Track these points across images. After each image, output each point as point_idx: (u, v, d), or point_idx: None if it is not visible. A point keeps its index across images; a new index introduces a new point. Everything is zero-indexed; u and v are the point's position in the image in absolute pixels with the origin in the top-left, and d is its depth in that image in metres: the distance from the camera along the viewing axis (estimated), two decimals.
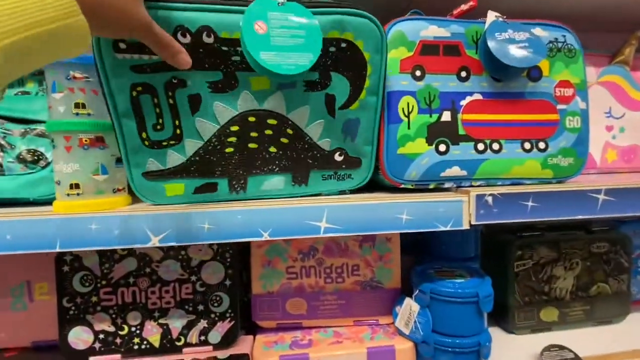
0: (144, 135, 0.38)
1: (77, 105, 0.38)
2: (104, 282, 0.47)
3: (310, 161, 0.42)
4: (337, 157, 0.43)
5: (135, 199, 0.45)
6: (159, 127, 0.38)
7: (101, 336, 0.48)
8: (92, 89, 0.39)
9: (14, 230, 0.37)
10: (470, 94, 0.45)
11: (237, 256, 0.51)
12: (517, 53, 0.43)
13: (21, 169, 0.43)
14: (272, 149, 0.41)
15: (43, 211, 0.39)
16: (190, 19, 0.36)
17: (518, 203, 0.42)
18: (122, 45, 0.35)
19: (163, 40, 0.33)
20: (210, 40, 0.37)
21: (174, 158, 0.40)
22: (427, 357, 0.50)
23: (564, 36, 0.46)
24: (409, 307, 0.51)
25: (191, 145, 0.40)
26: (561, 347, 0.54)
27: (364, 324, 0.56)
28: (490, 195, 0.42)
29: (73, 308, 0.47)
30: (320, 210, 0.41)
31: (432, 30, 0.44)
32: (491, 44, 0.43)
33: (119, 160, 0.41)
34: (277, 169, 0.42)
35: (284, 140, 0.41)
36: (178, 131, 0.39)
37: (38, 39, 0.22)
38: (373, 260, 0.55)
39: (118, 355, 0.48)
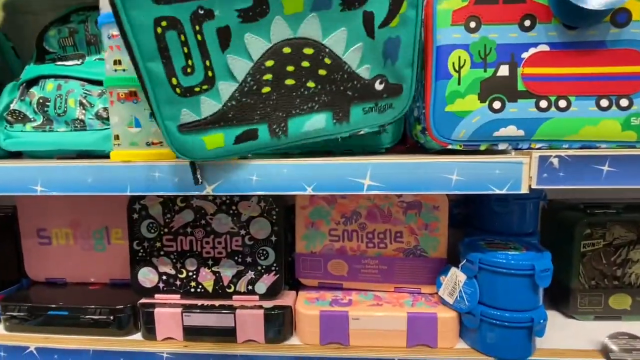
0: (174, 81, 0.34)
1: (115, 62, 0.42)
2: (166, 230, 0.53)
3: (350, 93, 0.40)
4: (378, 86, 0.41)
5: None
6: (189, 69, 0.34)
7: (164, 277, 0.54)
8: None
9: (94, 175, 0.43)
10: (535, 45, 0.40)
11: (282, 214, 0.53)
12: None
13: (99, 125, 0.49)
14: (310, 84, 0.39)
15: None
16: None
17: (591, 167, 0.38)
18: None
19: None
20: None
21: (209, 105, 0.36)
22: (472, 328, 0.48)
23: None
24: (455, 277, 0.49)
25: (225, 89, 0.36)
26: (632, 336, 0.48)
27: (405, 291, 0.55)
28: (556, 157, 0.37)
29: (141, 251, 0.54)
30: (364, 167, 0.40)
31: None
32: None
33: (153, 115, 0.39)
34: (317, 106, 0.40)
35: (322, 72, 0.39)
36: (210, 73, 0.35)
37: None
38: (418, 229, 0.54)
39: (178, 295, 0.54)
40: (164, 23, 0.33)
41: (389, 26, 0.39)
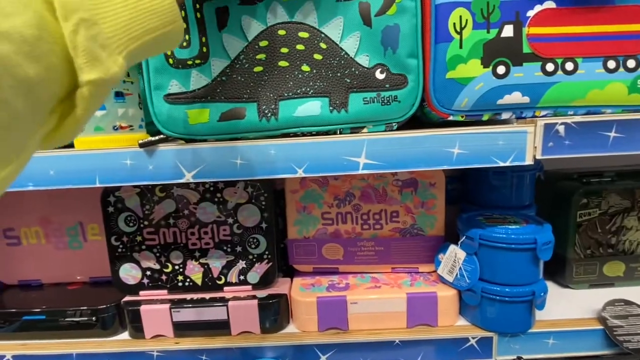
0: (168, 52, 0.37)
1: None
2: (146, 223, 0.49)
3: (348, 80, 0.38)
4: (379, 75, 0.38)
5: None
6: (184, 43, 0.37)
7: (148, 273, 0.50)
8: None
9: (56, 166, 0.38)
10: (540, 1, 0.37)
11: (272, 199, 0.49)
12: None
13: None
14: (305, 68, 0.37)
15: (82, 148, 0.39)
16: None
17: (597, 134, 0.36)
18: None
19: None
20: None
21: (199, 79, 0.38)
22: (472, 306, 0.47)
23: None
24: (454, 254, 0.48)
25: (217, 65, 0.37)
26: (628, 302, 0.49)
27: (402, 271, 0.54)
28: (562, 124, 0.35)
29: (121, 246, 0.50)
30: (359, 144, 0.37)
31: None
32: None
33: (118, 95, 0.39)
34: (311, 91, 0.38)
35: (317, 56, 0.37)
36: (204, 49, 0.37)
37: (153, 41, 0.24)
38: (414, 207, 0.52)
39: (165, 291, 0.51)
40: None
41: (386, 14, 0.37)
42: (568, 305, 0.52)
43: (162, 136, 0.38)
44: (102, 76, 0.20)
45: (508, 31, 0.37)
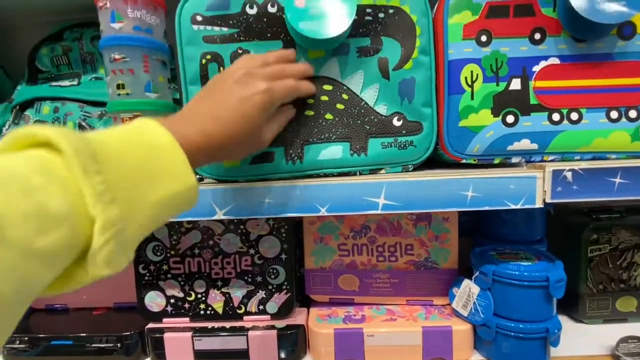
0: None
1: (118, 86, 0.41)
2: (172, 252, 0.52)
3: (368, 127, 0.41)
4: (396, 122, 0.41)
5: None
6: None
7: (172, 301, 0.52)
8: (129, 69, 0.41)
9: None
10: (545, 58, 0.40)
11: (292, 232, 0.52)
12: (605, 7, 0.37)
13: None
14: (328, 116, 0.41)
15: None
16: None
17: (603, 179, 0.38)
18: (199, 18, 0.39)
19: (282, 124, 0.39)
20: (274, 10, 0.39)
21: None
22: (487, 341, 0.48)
23: None
24: (468, 289, 0.49)
25: None
26: None
27: (417, 304, 0.55)
28: (570, 170, 0.38)
29: (147, 274, 0.52)
30: (378, 186, 0.40)
31: None
32: None
33: None
34: (333, 137, 0.41)
35: (340, 106, 0.41)
36: None
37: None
38: (428, 240, 0.54)
39: (187, 319, 0.52)
40: (208, 57, 0.40)
41: (403, 68, 0.41)
42: (582, 341, 0.52)
43: (198, 176, 0.41)
44: (111, 272, 0.21)
45: (516, 84, 0.40)
